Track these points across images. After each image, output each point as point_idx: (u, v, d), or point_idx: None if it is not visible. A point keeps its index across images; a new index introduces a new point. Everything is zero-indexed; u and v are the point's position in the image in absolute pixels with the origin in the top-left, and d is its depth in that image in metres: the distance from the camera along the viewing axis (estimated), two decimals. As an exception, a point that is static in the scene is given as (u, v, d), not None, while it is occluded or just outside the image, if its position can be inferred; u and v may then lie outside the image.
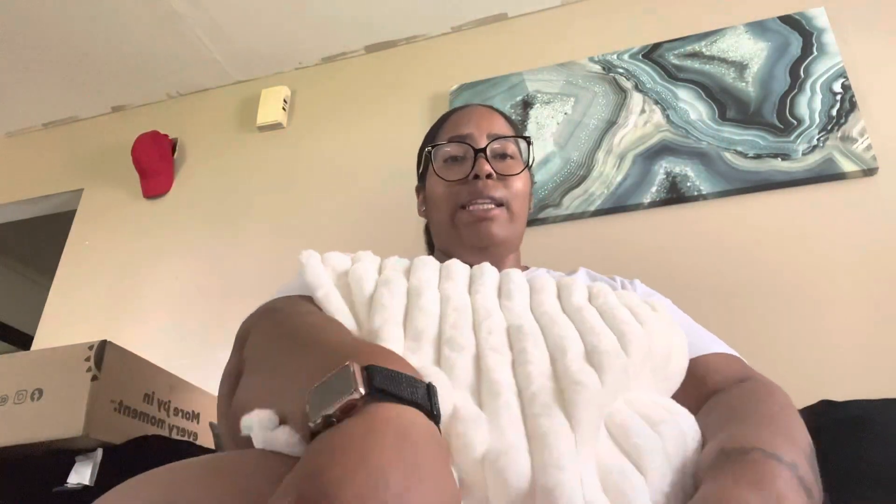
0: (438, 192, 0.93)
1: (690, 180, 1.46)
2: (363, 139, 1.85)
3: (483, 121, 0.94)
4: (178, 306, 1.78)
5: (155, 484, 0.42)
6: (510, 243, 0.91)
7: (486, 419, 0.48)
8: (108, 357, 1.09)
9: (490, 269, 0.71)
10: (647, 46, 1.65)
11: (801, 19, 1.54)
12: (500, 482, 0.43)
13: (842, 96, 1.43)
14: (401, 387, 0.41)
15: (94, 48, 1.95)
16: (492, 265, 0.84)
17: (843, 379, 1.18)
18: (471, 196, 0.88)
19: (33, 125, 2.29)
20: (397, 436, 0.37)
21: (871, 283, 1.28)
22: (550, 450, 0.45)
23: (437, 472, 0.37)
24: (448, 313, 0.61)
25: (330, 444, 0.37)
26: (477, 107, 1.00)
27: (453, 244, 0.92)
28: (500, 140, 0.92)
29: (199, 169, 2.00)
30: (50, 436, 1.02)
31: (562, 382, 0.52)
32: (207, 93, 2.14)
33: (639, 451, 0.48)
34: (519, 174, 0.92)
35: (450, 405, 0.48)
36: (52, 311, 1.91)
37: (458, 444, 0.45)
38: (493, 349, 0.56)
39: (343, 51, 1.99)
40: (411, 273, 0.67)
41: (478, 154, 0.89)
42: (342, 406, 0.39)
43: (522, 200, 0.92)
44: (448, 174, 0.91)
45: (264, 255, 1.77)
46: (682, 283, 1.35)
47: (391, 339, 0.56)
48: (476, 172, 0.88)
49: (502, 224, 0.88)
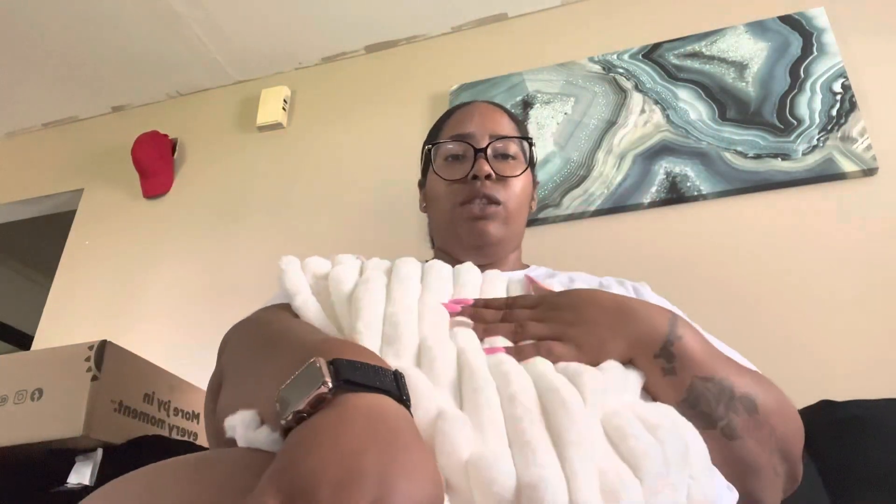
0: (438, 190, 0.92)
1: (690, 180, 1.46)
2: (363, 139, 1.85)
3: (486, 119, 0.94)
4: (179, 306, 1.78)
5: (139, 481, 0.42)
6: (507, 243, 0.91)
7: (469, 420, 0.48)
8: (108, 357, 1.09)
9: (472, 269, 0.71)
10: (647, 46, 1.65)
11: (801, 19, 1.54)
12: (486, 483, 0.43)
13: (842, 96, 1.43)
14: (367, 376, 0.42)
15: (94, 48, 1.95)
16: (485, 265, 0.85)
17: (843, 379, 1.18)
18: (469, 196, 0.88)
19: (33, 125, 2.29)
20: (368, 420, 0.38)
21: (871, 283, 1.28)
22: (534, 450, 0.45)
23: (412, 448, 0.38)
24: (426, 313, 0.61)
25: (303, 436, 0.38)
26: (481, 104, 0.99)
27: (451, 242, 0.92)
28: (502, 140, 0.91)
29: (199, 169, 2.00)
30: (50, 436, 1.02)
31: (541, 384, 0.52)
32: (207, 93, 2.14)
33: (635, 455, 0.47)
34: (518, 175, 0.91)
35: (434, 407, 0.48)
36: (52, 311, 1.91)
37: (443, 446, 0.45)
38: (472, 349, 0.57)
39: (343, 51, 1.99)
40: (392, 273, 0.67)
41: (478, 154, 0.88)
42: (311, 401, 0.40)
43: (521, 201, 0.92)
44: (448, 173, 0.91)
45: (264, 254, 1.77)
46: (682, 283, 1.35)
47: (370, 338, 0.57)
48: (475, 172, 0.87)
49: (499, 224, 0.88)
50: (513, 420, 0.48)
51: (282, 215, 1.82)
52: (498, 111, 0.97)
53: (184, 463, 0.44)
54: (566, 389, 0.51)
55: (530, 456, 0.45)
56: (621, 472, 0.46)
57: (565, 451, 0.45)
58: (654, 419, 0.52)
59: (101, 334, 1.19)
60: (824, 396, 1.03)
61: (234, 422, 0.48)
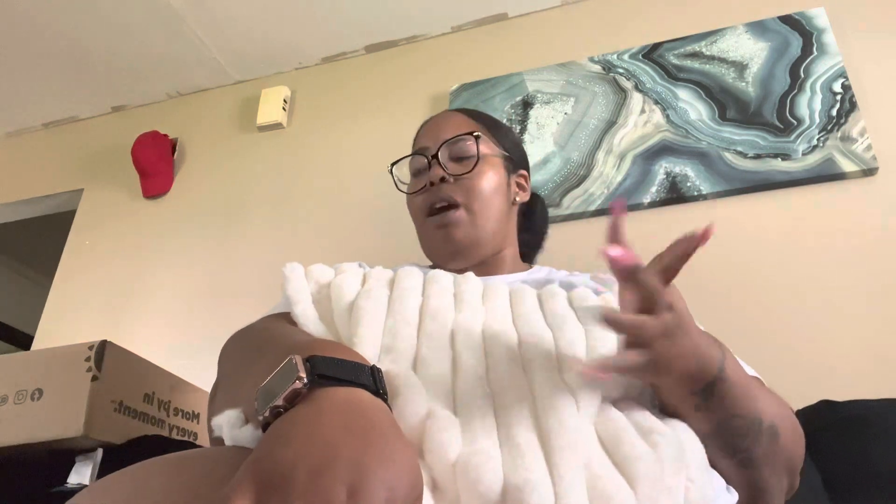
0: (412, 207, 0.95)
1: (690, 180, 1.46)
2: (363, 139, 1.85)
3: (438, 129, 0.94)
4: (179, 306, 1.78)
5: (125, 477, 0.43)
6: (484, 244, 0.88)
7: (460, 423, 0.48)
8: (108, 357, 1.09)
9: (472, 280, 0.71)
10: (647, 46, 1.65)
11: (801, 19, 1.54)
12: (472, 482, 0.43)
13: (842, 96, 1.43)
14: (343, 370, 0.43)
15: (94, 48, 1.95)
16: (477, 269, 0.85)
17: (843, 379, 1.18)
18: (428, 202, 0.89)
19: (33, 125, 2.29)
20: (344, 412, 0.38)
21: (871, 282, 1.28)
22: (523, 454, 0.45)
23: (388, 436, 0.38)
24: (426, 322, 0.61)
25: (280, 429, 0.38)
26: (438, 115, 0.99)
27: (432, 255, 0.93)
28: (451, 143, 0.90)
29: (199, 169, 2.00)
30: (50, 436, 1.02)
31: (534, 391, 0.52)
32: (207, 93, 2.14)
33: (628, 462, 0.47)
34: (471, 172, 0.88)
35: (424, 408, 0.48)
36: (52, 311, 1.91)
37: (432, 446, 0.46)
38: (469, 356, 0.57)
39: (343, 51, 1.99)
40: (395, 283, 0.67)
41: (431, 161, 0.89)
42: (287, 395, 0.40)
43: (487, 197, 0.88)
44: (412, 186, 0.94)
45: (264, 254, 1.77)
46: (682, 283, 1.34)
47: (369, 348, 0.57)
48: (430, 178, 0.88)
49: (464, 227, 0.86)
50: (505, 425, 0.48)
51: (282, 215, 1.82)
52: (452, 116, 0.96)
53: (169, 459, 0.44)
54: (559, 395, 0.51)
55: (518, 459, 0.45)
56: (614, 477, 0.46)
57: (553, 455, 0.45)
58: (648, 423, 0.52)
59: (101, 334, 1.19)
60: (824, 396, 1.03)
61: (221, 421, 0.49)
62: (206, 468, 0.42)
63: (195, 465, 0.43)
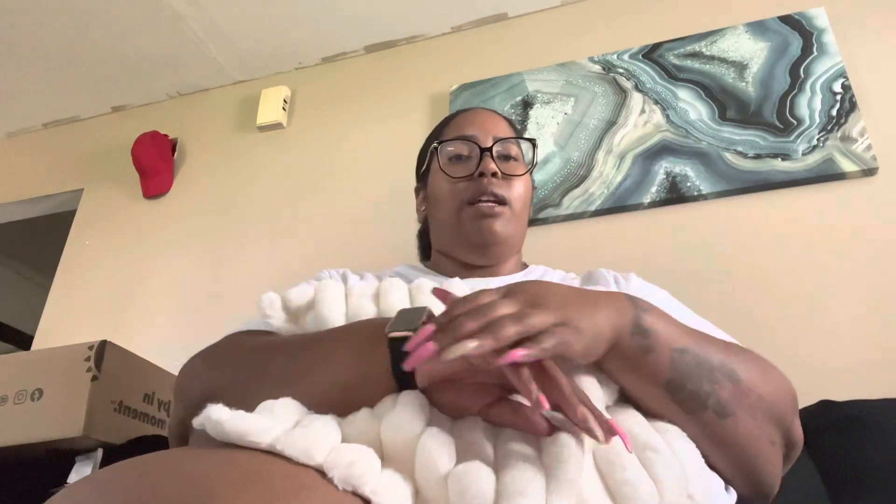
0: (443, 189, 0.92)
1: (690, 180, 1.46)
2: (363, 139, 1.85)
3: (487, 123, 0.95)
4: (179, 306, 1.78)
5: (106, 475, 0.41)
6: (511, 243, 0.91)
7: (454, 440, 0.48)
8: (108, 357, 1.09)
9: (459, 285, 0.71)
10: (647, 46, 1.65)
11: (801, 19, 1.54)
12: (462, 491, 0.43)
13: (842, 96, 1.43)
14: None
15: (94, 48, 1.95)
16: (487, 266, 0.87)
17: (843, 379, 1.18)
18: (476, 192, 0.88)
19: (33, 125, 2.29)
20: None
21: (871, 283, 1.28)
22: (513, 475, 0.44)
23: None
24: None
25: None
26: (481, 109, 1.01)
27: (455, 243, 0.91)
28: (505, 142, 0.92)
29: (199, 169, 2.00)
30: (50, 436, 1.02)
31: None
32: (207, 93, 2.14)
33: (622, 489, 0.46)
34: (522, 175, 0.92)
35: (420, 425, 0.48)
36: (52, 311, 1.91)
37: (422, 458, 0.45)
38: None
39: (343, 51, 1.99)
40: (380, 298, 0.67)
41: (483, 153, 0.89)
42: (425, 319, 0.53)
43: (524, 202, 0.93)
44: (453, 171, 0.91)
45: (264, 254, 1.77)
46: (682, 283, 1.35)
47: None
48: (482, 170, 0.88)
49: (505, 222, 0.88)
50: (504, 452, 0.48)
51: (282, 215, 1.82)
52: (497, 116, 0.99)
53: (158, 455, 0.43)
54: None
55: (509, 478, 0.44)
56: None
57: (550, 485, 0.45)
58: (644, 438, 0.51)
59: (101, 334, 1.19)
60: (824, 396, 1.03)
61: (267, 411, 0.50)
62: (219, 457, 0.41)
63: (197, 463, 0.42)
